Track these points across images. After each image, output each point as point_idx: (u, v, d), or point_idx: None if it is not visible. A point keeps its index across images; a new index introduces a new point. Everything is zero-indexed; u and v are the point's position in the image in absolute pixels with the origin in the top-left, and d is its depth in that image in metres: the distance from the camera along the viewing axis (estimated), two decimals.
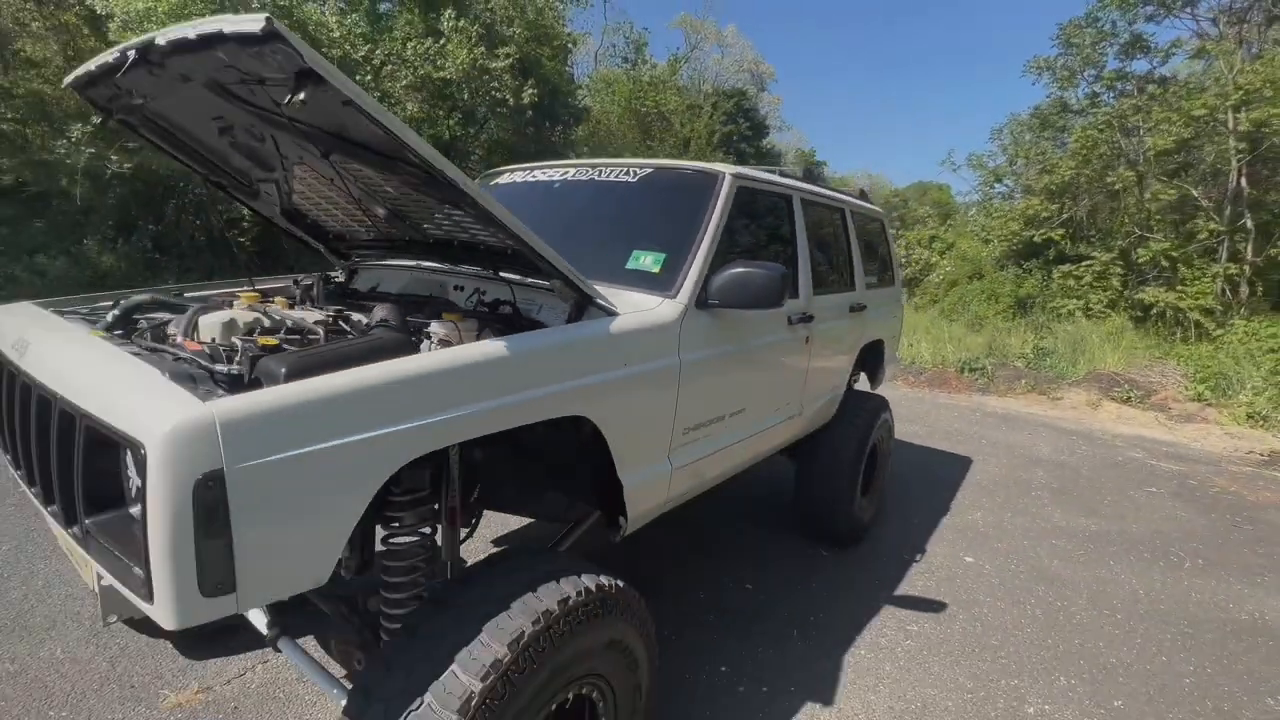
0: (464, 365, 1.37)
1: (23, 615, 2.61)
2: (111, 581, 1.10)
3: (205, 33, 1.18)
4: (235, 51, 1.20)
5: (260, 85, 1.38)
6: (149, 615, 1.04)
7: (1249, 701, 2.59)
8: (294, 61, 1.11)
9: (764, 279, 1.99)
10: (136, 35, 10.38)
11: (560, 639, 1.40)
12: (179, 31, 1.28)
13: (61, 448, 1.19)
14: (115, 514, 1.15)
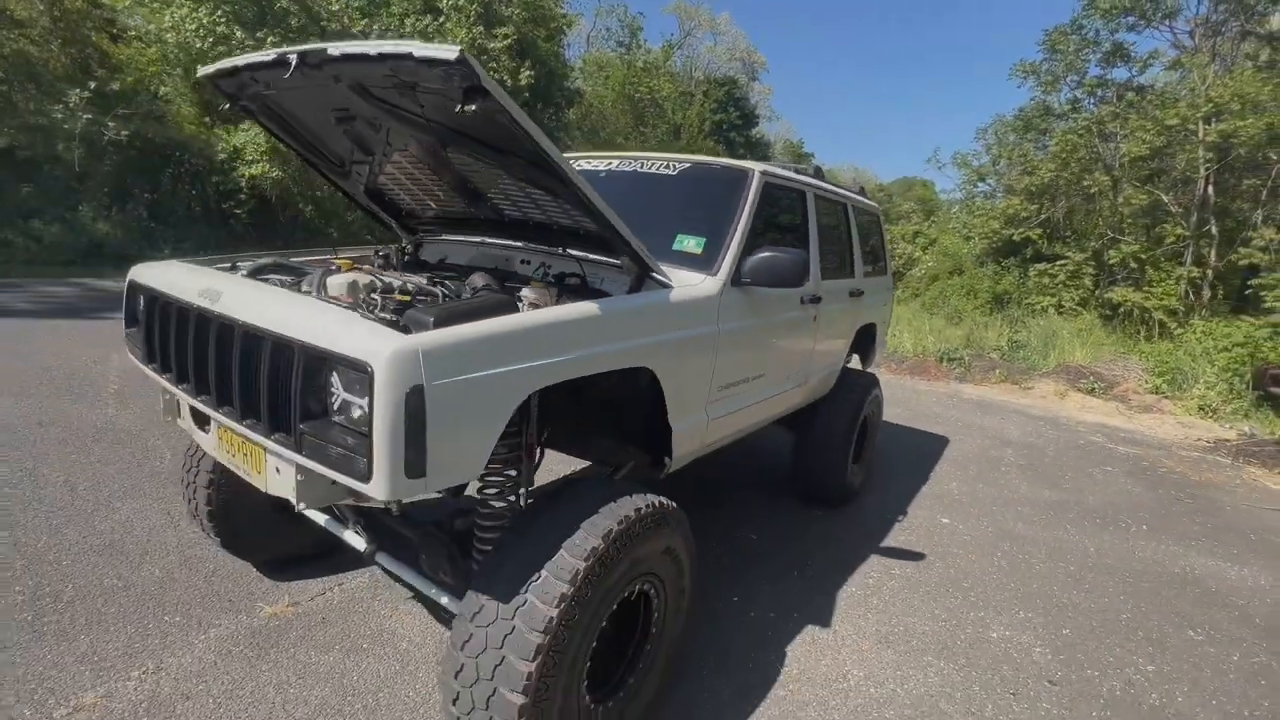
0: (575, 320, 1.74)
1: (116, 543, 2.93)
2: (324, 472, 1.45)
3: (390, 53, 1.51)
4: (411, 68, 1.54)
5: (411, 90, 1.71)
6: (362, 493, 1.40)
7: (1174, 632, 3.08)
8: (467, 80, 1.45)
9: (789, 262, 2.38)
10: (147, 4, 10.30)
11: (632, 540, 1.79)
12: (356, 48, 1.60)
13: (273, 373, 1.53)
14: (319, 421, 1.49)
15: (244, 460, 1.79)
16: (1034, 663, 2.74)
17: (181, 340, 1.83)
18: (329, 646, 2.40)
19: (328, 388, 1.48)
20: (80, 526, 3.03)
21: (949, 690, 2.51)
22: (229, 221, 13.99)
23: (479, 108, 1.49)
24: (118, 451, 3.86)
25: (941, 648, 2.78)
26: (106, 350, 5.92)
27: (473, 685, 1.58)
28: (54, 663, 2.18)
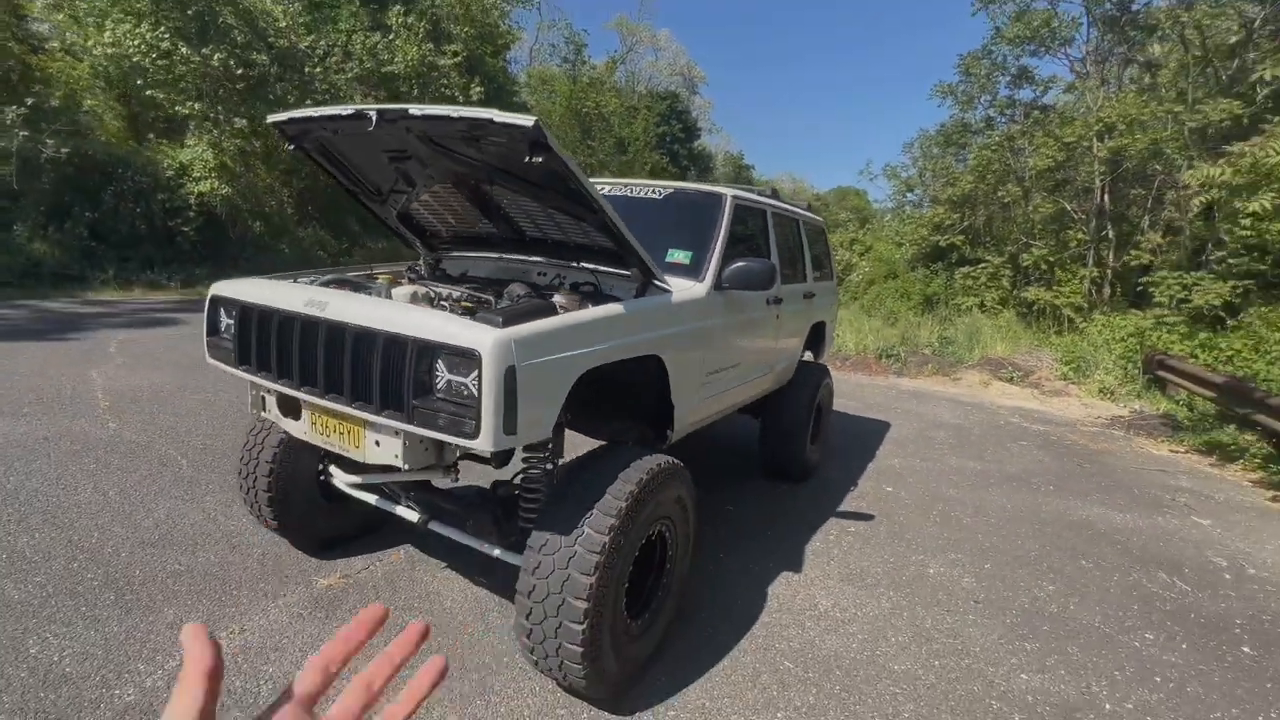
0: (610, 317, 2.25)
1: (165, 536, 3.22)
2: (434, 435, 1.90)
3: (470, 118, 1.99)
4: (485, 127, 2.02)
5: (475, 142, 2.19)
6: (470, 448, 1.86)
7: (1069, 562, 3.81)
8: (534, 138, 1.95)
9: (761, 270, 2.96)
10: (65, 15, 10.21)
11: (654, 488, 2.29)
12: (438, 111, 2.07)
13: (384, 362, 1.96)
14: (425, 397, 1.94)
15: (339, 438, 2.21)
16: (963, 589, 3.39)
17: (285, 342, 2.23)
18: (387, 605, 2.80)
19: (432, 371, 1.93)
20: (125, 525, 3.29)
21: (898, 611, 3.12)
22: (175, 239, 13.69)
23: (543, 160, 1.99)
24: (134, 461, 4.08)
25: (891, 582, 3.40)
26: (83, 369, 5.99)
27: (544, 599, 2.06)
28: (148, 630, 2.51)
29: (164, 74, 13.41)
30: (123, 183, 12.92)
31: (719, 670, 2.57)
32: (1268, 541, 4.36)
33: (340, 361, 2.07)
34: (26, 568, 2.82)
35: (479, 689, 2.33)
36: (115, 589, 2.74)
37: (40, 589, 2.68)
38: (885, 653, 2.77)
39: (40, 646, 2.35)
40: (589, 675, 2.10)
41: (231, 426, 4.86)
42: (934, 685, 2.58)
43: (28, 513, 3.30)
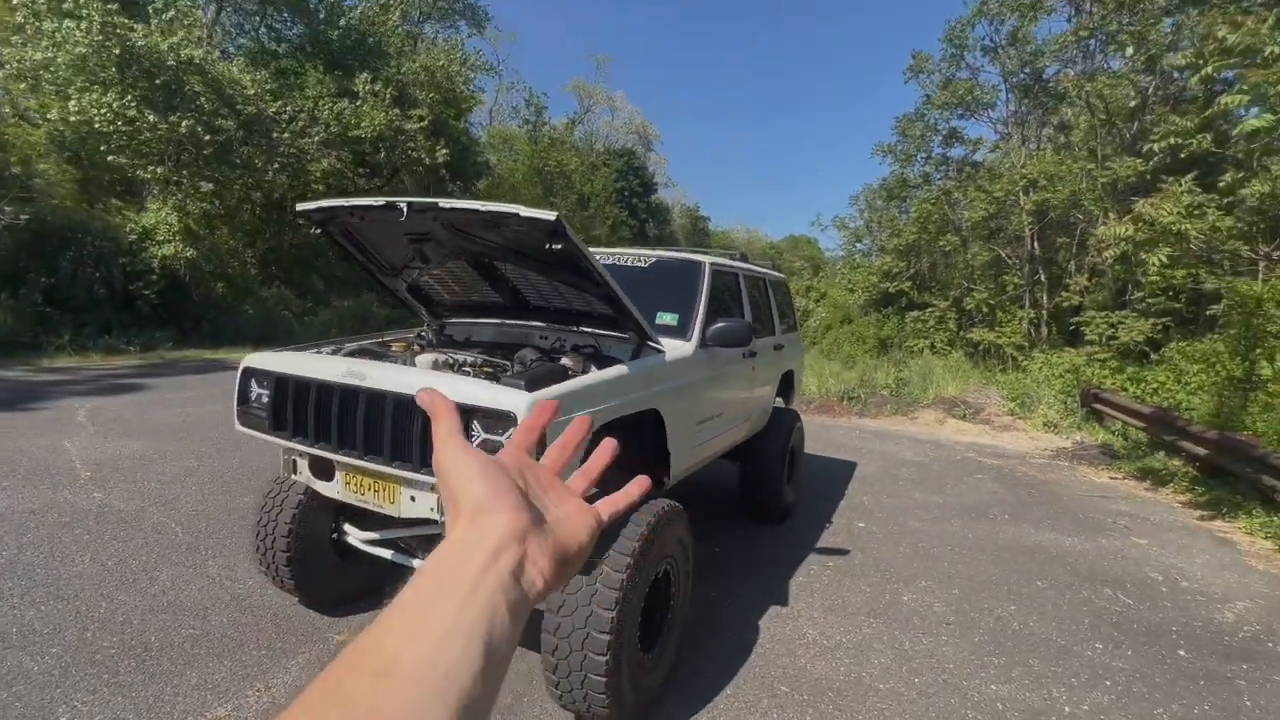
0: (618, 378, 2.55)
1: (173, 602, 3.28)
2: None
3: (497, 212, 2.32)
4: (510, 220, 2.34)
5: (495, 228, 2.51)
6: None
7: (1027, 584, 4.17)
8: (555, 229, 2.28)
9: (740, 328, 3.33)
10: (27, 85, 10.33)
11: (661, 529, 2.56)
12: (465, 204, 2.40)
13: (426, 426, 2.20)
14: None
15: (374, 495, 2.42)
16: (935, 613, 3.70)
17: (324, 409, 2.45)
18: None
19: (468, 432, 2.18)
20: (131, 593, 3.34)
21: (878, 636, 3.40)
22: (135, 303, 13.47)
23: (562, 246, 2.32)
24: (128, 530, 4.10)
25: (870, 610, 3.68)
26: (55, 439, 5.93)
27: (569, 635, 2.27)
28: (174, 693, 2.59)
29: (127, 140, 13.48)
30: (82, 248, 12.76)
31: (722, 698, 2.79)
32: (1196, 556, 4.84)
33: (380, 425, 2.30)
34: (40, 640, 2.86)
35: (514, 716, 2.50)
36: (134, 656, 2.80)
37: (58, 660, 2.74)
38: (870, 674, 3.04)
39: (71, 714, 2.41)
40: (611, 705, 2.30)
41: (221, 492, 4.90)
42: (915, 700, 2.85)
43: (29, 586, 3.32)
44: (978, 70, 17.59)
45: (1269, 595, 4.19)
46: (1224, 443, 6.32)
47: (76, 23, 12.85)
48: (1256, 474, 5.70)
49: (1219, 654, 3.40)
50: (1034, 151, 17.54)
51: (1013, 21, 16.19)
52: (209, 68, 14.65)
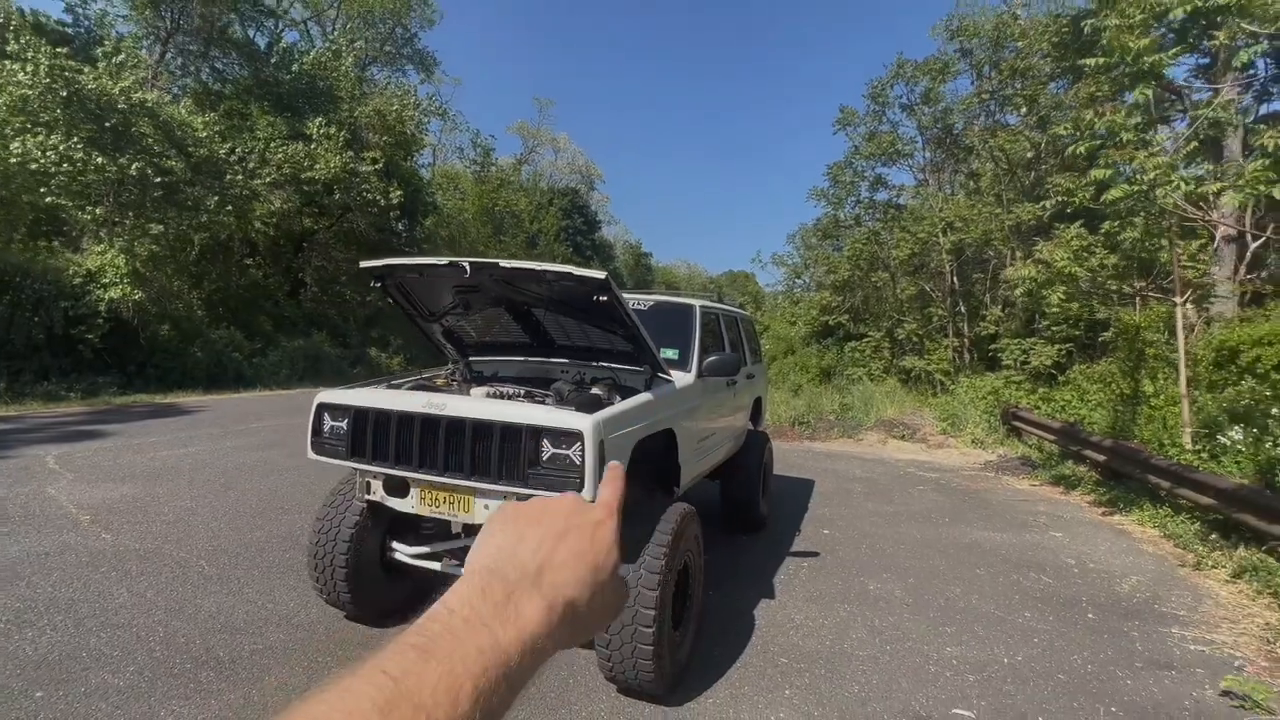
0: (647, 403, 3.12)
1: (227, 624, 3.55)
2: (547, 494, 2.63)
3: (555, 271, 2.89)
4: (566, 278, 2.91)
5: (546, 283, 3.07)
6: None
7: (967, 572, 4.92)
8: (604, 285, 2.86)
9: (731, 360, 3.98)
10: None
11: (684, 527, 3.12)
12: (526, 265, 2.95)
13: (504, 447, 2.69)
14: (535, 468, 2.67)
15: (449, 507, 2.88)
16: (896, 597, 4.37)
17: (404, 435, 2.90)
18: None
19: (539, 449, 2.70)
20: (181, 619, 3.59)
21: (853, 617, 4.02)
22: (76, 348, 12.98)
23: (607, 298, 2.91)
24: (151, 566, 4.28)
25: (843, 598, 4.32)
26: (36, 486, 5.93)
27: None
28: (260, 695, 2.91)
29: (68, 181, 13.17)
30: (20, 291, 12.29)
31: (734, 670, 3.33)
32: (1100, 544, 5.75)
33: (460, 447, 2.79)
34: (113, 661, 3.11)
35: (561, 700, 2.95)
36: (210, 668, 3.09)
37: (139, 675, 3.00)
38: (850, 645, 3.65)
39: (174, 717, 2.71)
40: (656, 673, 2.81)
41: (229, 529, 5.10)
42: (889, 662, 3.48)
43: (79, 618, 3.52)
44: (897, 124, 19.52)
45: (1155, 570, 5.10)
46: (1117, 450, 7.43)
47: (21, 65, 12.63)
48: (1143, 475, 6.76)
49: (1118, 614, 4.20)
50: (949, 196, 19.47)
51: (925, 83, 18.16)
52: (159, 110, 14.57)
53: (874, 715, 2.97)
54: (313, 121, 17.99)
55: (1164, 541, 5.84)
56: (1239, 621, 4.13)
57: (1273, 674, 3.48)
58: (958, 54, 17.60)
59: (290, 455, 7.83)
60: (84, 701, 2.78)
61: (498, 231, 32.05)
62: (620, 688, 3.01)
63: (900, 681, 3.28)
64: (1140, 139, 4.90)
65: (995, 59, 16.87)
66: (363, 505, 3.38)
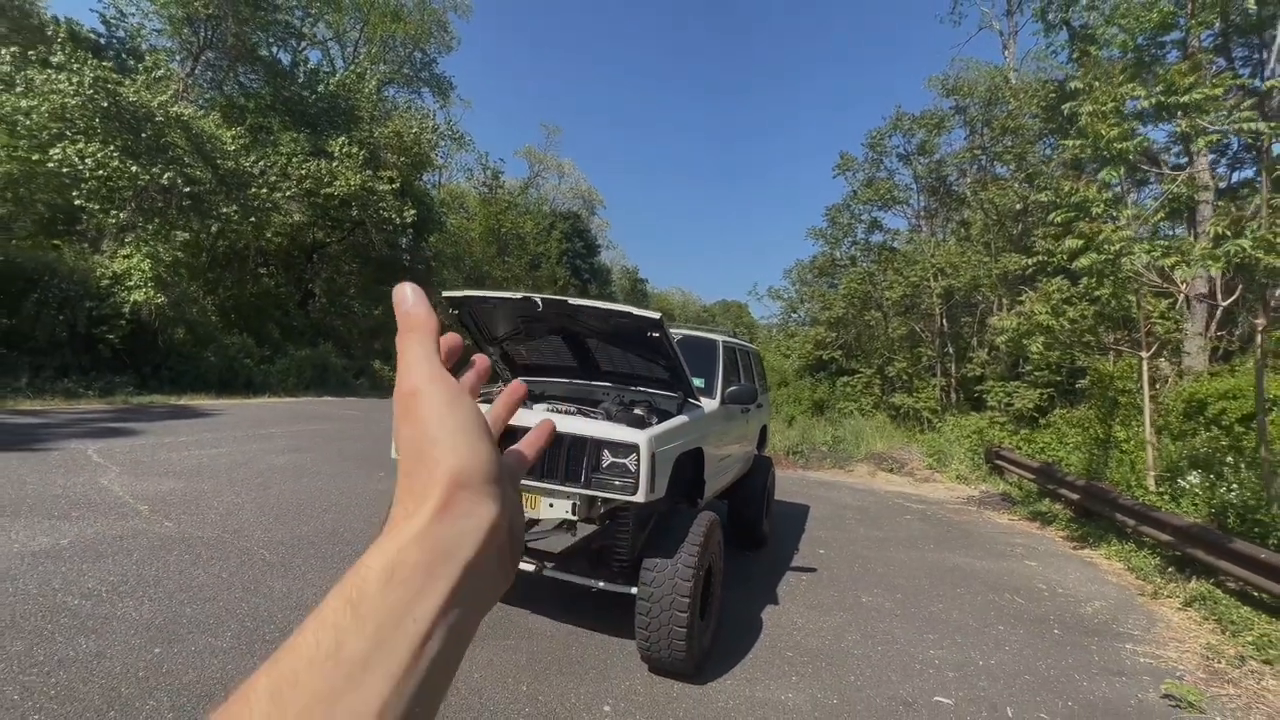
0: (686, 424, 3.68)
1: (299, 601, 4.01)
2: (606, 495, 3.16)
3: (615, 310, 3.46)
4: (625, 316, 3.48)
5: (605, 319, 3.65)
6: (628, 501, 3.16)
7: (949, 591, 5.46)
8: (657, 324, 3.44)
9: (749, 390, 4.56)
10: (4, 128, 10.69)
11: (711, 531, 3.65)
12: (591, 304, 3.53)
13: (572, 455, 3.23)
14: (597, 473, 3.21)
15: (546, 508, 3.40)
16: (886, 609, 4.90)
17: None
18: (506, 636, 3.82)
19: (599, 457, 3.25)
20: (258, 597, 4.05)
21: (849, 622, 4.55)
22: (96, 346, 13.36)
23: (659, 334, 3.48)
24: (218, 553, 4.74)
25: (839, 607, 4.84)
26: (89, 477, 6.33)
27: (659, 601, 3.30)
28: None
29: (99, 186, 13.69)
30: (48, 290, 12.71)
31: (748, 660, 3.83)
32: (1070, 573, 6.31)
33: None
34: (210, 627, 3.57)
35: (606, 674, 3.45)
36: None
37: (237, 639, 3.46)
38: (846, 645, 4.17)
39: None
40: (687, 652, 3.32)
41: (277, 524, 5.55)
42: (880, 659, 4.00)
43: (169, 591, 3.97)
44: (894, 172, 20.55)
45: (1116, 597, 5.67)
46: (1089, 490, 8.04)
47: (66, 76, 13.24)
48: (1112, 513, 7.36)
49: (1081, 631, 4.75)
50: (941, 241, 20.41)
51: (921, 135, 19.21)
52: (192, 123, 15.19)
53: (868, 699, 3.49)
54: (335, 140, 18.67)
55: (1127, 573, 6.41)
56: (1185, 641, 4.70)
57: (1208, 684, 4.04)
58: (952, 110, 18.67)
59: (317, 460, 8.28)
60: (197, 658, 3.24)
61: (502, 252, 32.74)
62: (652, 667, 3.51)
63: (889, 675, 3.80)
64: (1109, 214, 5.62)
65: (987, 116, 17.92)
66: None
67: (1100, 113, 6.15)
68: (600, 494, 3.21)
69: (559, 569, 3.82)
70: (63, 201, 14.00)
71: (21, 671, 2.95)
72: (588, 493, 3.23)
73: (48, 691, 2.81)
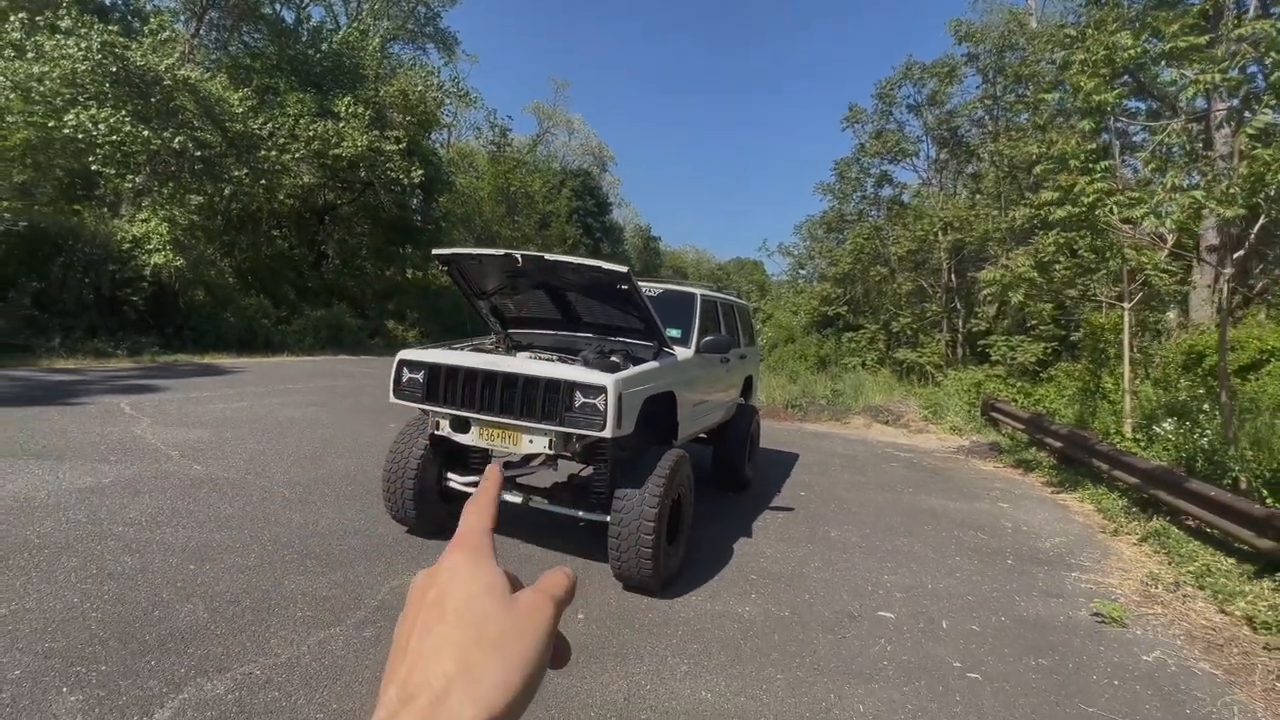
0: (655, 369, 4.02)
1: (314, 532, 4.48)
2: (577, 432, 3.54)
3: (587, 264, 3.76)
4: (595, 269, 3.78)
5: (579, 273, 3.95)
6: (598, 437, 3.53)
7: (917, 527, 5.84)
8: (625, 277, 3.74)
9: (724, 341, 4.87)
10: (18, 95, 10.98)
11: (678, 467, 4.02)
12: (564, 259, 3.83)
13: (546, 396, 3.59)
14: (569, 412, 3.57)
15: (502, 441, 3.79)
16: (852, 542, 5.30)
17: (470, 386, 3.81)
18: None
19: (573, 397, 3.60)
20: (279, 527, 4.53)
21: (814, 553, 4.95)
22: (121, 308, 13.95)
23: (628, 286, 3.79)
24: (243, 491, 5.23)
25: (808, 540, 5.25)
26: (124, 427, 6.87)
27: (628, 525, 3.70)
28: (354, 576, 3.85)
29: (114, 151, 14.01)
30: (73, 254, 13.22)
31: (713, 580, 4.26)
32: (1038, 514, 6.66)
33: (514, 395, 3.69)
34: (237, 550, 4.05)
35: (582, 590, 3.88)
36: (312, 559, 4.04)
37: (260, 559, 3.95)
38: (808, 571, 4.58)
39: (295, 585, 3.66)
40: (653, 570, 3.74)
41: (295, 467, 6.04)
42: (836, 581, 4.41)
43: (200, 521, 4.47)
44: (904, 124, 20.14)
45: (1077, 535, 6.02)
46: (1071, 437, 8.31)
47: (75, 41, 13.43)
48: (1089, 459, 7.65)
49: (1032, 562, 5.13)
50: (951, 195, 20.15)
51: (932, 85, 18.76)
52: (199, 86, 15.36)
53: (817, 613, 3.91)
54: (341, 100, 18.73)
55: (1095, 514, 6.75)
56: (1130, 571, 5.05)
57: (1140, 605, 4.40)
58: (965, 57, 18.15)
59: (330, 413, 8.79)
60: (228, 573, 3.73)
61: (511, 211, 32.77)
62: (625, 585, 3.95)
63: (842, 594, 4.21)
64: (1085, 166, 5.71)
65: (1001, 64, 17.42)
66: (425, 442, 4.29)
67: (1090, 61, 6.16)
68: (573, 430, 3.58)
69: (543, 502, 4.24)
70: (80, 167, 14.39)
71: (79, 582, 3.44)
72: (562, 430, 3.60)
73: (101, 596, 3.31)
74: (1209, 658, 3.74)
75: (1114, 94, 5.52)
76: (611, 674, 3.07)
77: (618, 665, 3.15)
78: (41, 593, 3.27)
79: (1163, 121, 6.04)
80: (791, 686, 3.10)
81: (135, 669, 2.73)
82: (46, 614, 3.08)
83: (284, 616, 3.30)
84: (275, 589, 3.58)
